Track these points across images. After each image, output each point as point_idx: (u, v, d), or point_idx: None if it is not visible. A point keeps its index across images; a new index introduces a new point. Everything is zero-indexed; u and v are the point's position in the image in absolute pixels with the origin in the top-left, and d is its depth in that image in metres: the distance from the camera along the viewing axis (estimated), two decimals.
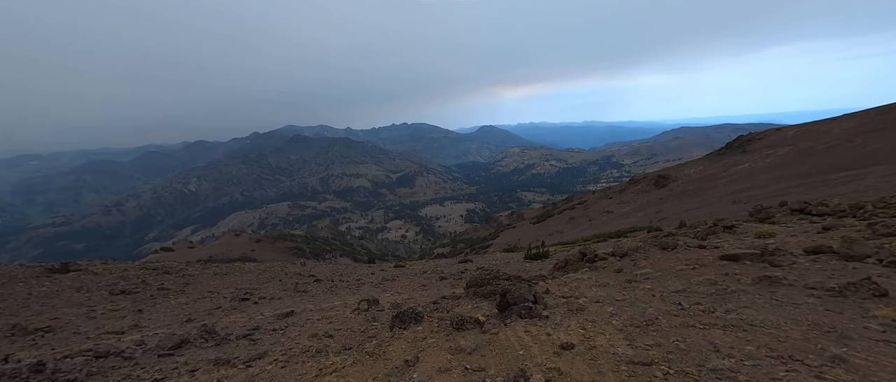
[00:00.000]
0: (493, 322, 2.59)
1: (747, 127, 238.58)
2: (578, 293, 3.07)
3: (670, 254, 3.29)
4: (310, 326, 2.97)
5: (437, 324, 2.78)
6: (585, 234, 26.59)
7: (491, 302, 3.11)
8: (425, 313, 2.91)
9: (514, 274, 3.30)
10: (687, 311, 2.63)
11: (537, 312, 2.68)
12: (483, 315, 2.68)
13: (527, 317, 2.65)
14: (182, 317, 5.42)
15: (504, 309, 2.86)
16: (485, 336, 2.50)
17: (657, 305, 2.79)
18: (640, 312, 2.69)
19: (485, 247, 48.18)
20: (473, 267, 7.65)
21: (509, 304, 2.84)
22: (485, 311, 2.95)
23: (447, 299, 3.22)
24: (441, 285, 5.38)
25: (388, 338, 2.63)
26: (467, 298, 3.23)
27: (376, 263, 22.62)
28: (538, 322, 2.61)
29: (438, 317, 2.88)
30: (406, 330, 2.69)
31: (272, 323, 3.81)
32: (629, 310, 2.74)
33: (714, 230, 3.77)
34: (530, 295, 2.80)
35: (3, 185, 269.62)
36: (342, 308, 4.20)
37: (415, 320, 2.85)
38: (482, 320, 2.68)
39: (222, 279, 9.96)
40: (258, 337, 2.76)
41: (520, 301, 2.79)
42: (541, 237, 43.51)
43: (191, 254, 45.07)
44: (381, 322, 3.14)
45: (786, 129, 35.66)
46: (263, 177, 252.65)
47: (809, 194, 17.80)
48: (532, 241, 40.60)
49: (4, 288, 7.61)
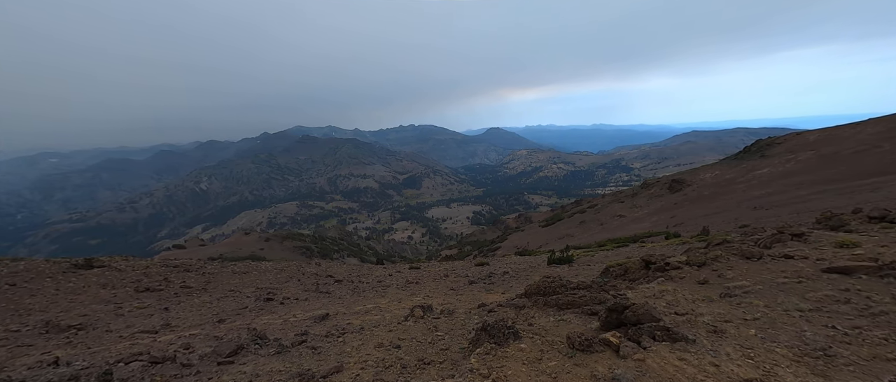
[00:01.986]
0: (631, 346, 2.22)
1: (762, 131, 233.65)
2: (685, 308, 2.74)
3: (758, 265, 3.02)
4: (367, 334, 2.78)
5: (542, 342, 2.46)
6: (597, 239, 26.13)
7: (581, 314, 2.77)
8: (520, 327, 2.55)
9: (575, 281, 3.09)
10: (856, 337, 2.31)
11: (680, 334, 2.26)
12: (612, 335, 2.30)
13: (665, 340, 2.27)
14: (212, 317, 5.37)
15: (611, 327, 2.49)
16: (628, 363, 2.11)
17: (805, 327, 2.45)
18: (797, 336, 2.33)
19: (493, 250, 47.83)
20: (499, 271, 7.46)
21: (629, 323, 2.43)
22: (576, 326, 2.63)
23: (503, 307, 3.00)
24: (474, 289, 5.22)
25: (492, 357, 2.27)
26: (536, 308, 2.92)
27: (385, 264, 22.53)
28: (688, 347, 2.19)
29: (539, 333, 2.53)
30: (506, 348, 2.35)
31: (312, 327, 3.69)
32: (779, 334, 2.36)
33: (780, 238, 3.53)
34: (656, 313, 2.42)
35: (24, 182, 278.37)
36: (382, 312, 4.05)
37: (512, 335, 2.45)
38: (614, 342, 2.30)
39: (241, 278, 9.97)
40: (318, 345, 2.62)
41: (646, 319, 2.38)
42: (550, 240, 43.07)
43: (202, 252, 45.74)
44: (449, 334, 2.86)
45: (807, 134, 34.64)
46: (272, 176, 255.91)
47: (835, 201, 17.18)
48: (541, 244, 40.16)
49: (33, 282, 7.70)
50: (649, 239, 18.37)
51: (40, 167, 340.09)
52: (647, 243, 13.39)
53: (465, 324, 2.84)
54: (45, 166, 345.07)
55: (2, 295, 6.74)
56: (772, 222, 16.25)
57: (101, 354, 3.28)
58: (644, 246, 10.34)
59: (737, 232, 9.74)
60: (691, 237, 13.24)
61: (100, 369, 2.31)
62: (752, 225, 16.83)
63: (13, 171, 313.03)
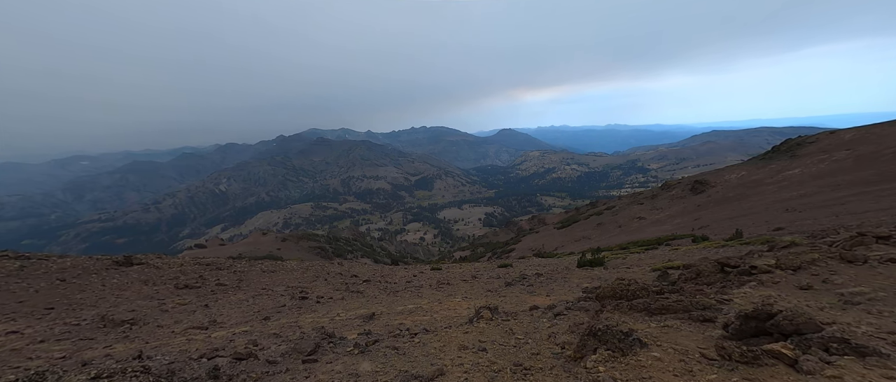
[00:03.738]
0: (813, 360, 1.88)
1: (787, 130, 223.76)
2: (824, 317, 2.37)
3: (865, 269, 2.77)
4: (442, 336, 2.65)
5: (674, 351, 2.15)
6: (617, 241, 25.52)
7: (687, 321, 2.45)
8: (644, 336, 2.27)
9: (642, 283, 2.94)
10: None
11: (869, 347, 1.90)
12: (783, 347, 1.96)
13: (848, 354, 1.92)
14: (254, 314, 5.50)
15: (747, 336, 2.14)
16: (819, 381, 1.79)
17: None
18: None
19: (507, 252, 47.41)
20: (530, 273, 7.35)
21: (777, 332, 2.09)
22: (689, 334, 2.34)
23: (572, 310, 2.88)
24: (513, 291, 5.14)
25: (622, 367, 2.04)
26: (619, 312, 2.67)
27: (401, 265, 22.64)
28: (887, 362, 1.83)
29: (657, 342, 2.24)
30: (631, 356, 2.10)
31: (365, 326, 3.71)
32: None
33: (862, 240, 3.30)
34: (815, 322, 2.05)
35: (57, 183, 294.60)
36: (429, 312, 4.01)
37: (636, 343, 2.17)
38: (788, 354, 1.96)
39: (270, 276, 10.19)
40: (397, 345, 2.58)
41: (808, 328, 2.03)
42: (566, 243, 42.35)
43: (222, 251, 47.17)
44: (529, 337, 2.68)
45: (841, 133, 32.92)
46: (288, 178, 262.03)
47: (878, 205, 16.21)
48: (557, 246, 39.51)
49: (80, 278, 8.10)
50: (675, 242, 17.79)
51: (72, 169, 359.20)
52: (677, 246, 12.96)
53: (538, 328, 2.73)
54: (76, 168, 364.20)
55: (54, 290, 7.10)
56: (809, 225, 15.45)
57: (167, 348, 3.39)
58: (677, 249, 10.00)
59: (801, 235, 9.29)
60: (725, 240, 12.72)
61: (183, 364, 2.37)
62: (788, 228, 16.06)
63: (49, 173, 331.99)
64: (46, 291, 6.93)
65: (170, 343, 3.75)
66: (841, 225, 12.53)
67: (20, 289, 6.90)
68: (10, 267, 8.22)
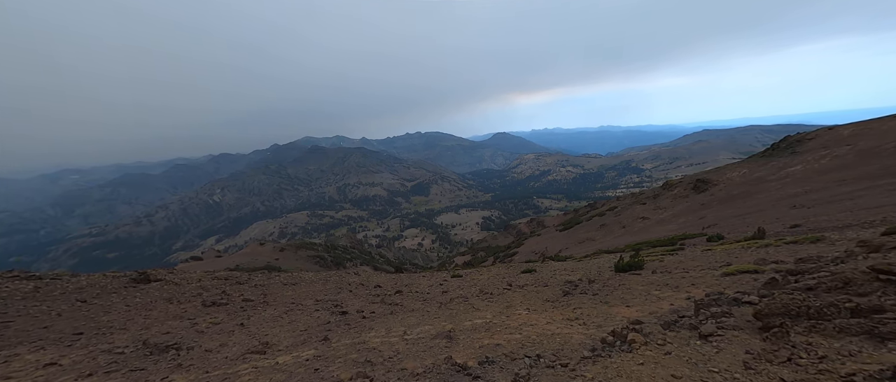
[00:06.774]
0: None
1: (777, 128, 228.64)
2: None
3: None
4: (601, 366, 2.29)
5: None
6: (624, 242, 25.46)
7: None
8: None
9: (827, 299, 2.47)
10: None
11: None
12: None
13: None
14: (303, 333, 5.19)
15: None
16: None
17: None
18: None
19: (510, 256, 47.20)
20: (574, 279, 7.14)
21: None
22: None
23: (725, 329, 2.26)
24: (582, 301, 4.86)
25: None
26: (822, 336, 2.15)
27: (405, 272, 22.22)
28: None
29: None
30: None
31: (448, 347, 3.38)
32: None
33: None
34: None
35: (46, 198, 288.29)
36: (510, 328, 3.70)
37: None
38: None
39: (294, 289, 9.84)
40: (532, 375, 2.28)
41: None
42: (570, 245, 42.30)
43: (219, 263, 46.20)
44: (704, 364, 2.26)
45: (840, 128, 33.51)
46: (283, 187, 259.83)
47: (888, 198, 16.39)
48: (562, 249, 39.38)
49: (101, 298, 7.70)
50: (687, 242, 17.75)
51: (62, 183, 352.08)
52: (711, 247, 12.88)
53: (706, 356, 2.26)
54: (66, 183, 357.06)
55: (78, 312, 6.72)
56: (824, 220, 15.55)
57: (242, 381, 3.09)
58: (729, 250, 9.89)
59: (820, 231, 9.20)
60: (746, 238, 12.66)
61: None
62: (805, 225, 16.11)
63: (38, 188, 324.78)
64: (69, 314, 6.55)
65: (237, 372, 3.47)
66: (865, 221, 12.55)
67: (41, 313, 6.51)
68: (25, 289, 7.79)
